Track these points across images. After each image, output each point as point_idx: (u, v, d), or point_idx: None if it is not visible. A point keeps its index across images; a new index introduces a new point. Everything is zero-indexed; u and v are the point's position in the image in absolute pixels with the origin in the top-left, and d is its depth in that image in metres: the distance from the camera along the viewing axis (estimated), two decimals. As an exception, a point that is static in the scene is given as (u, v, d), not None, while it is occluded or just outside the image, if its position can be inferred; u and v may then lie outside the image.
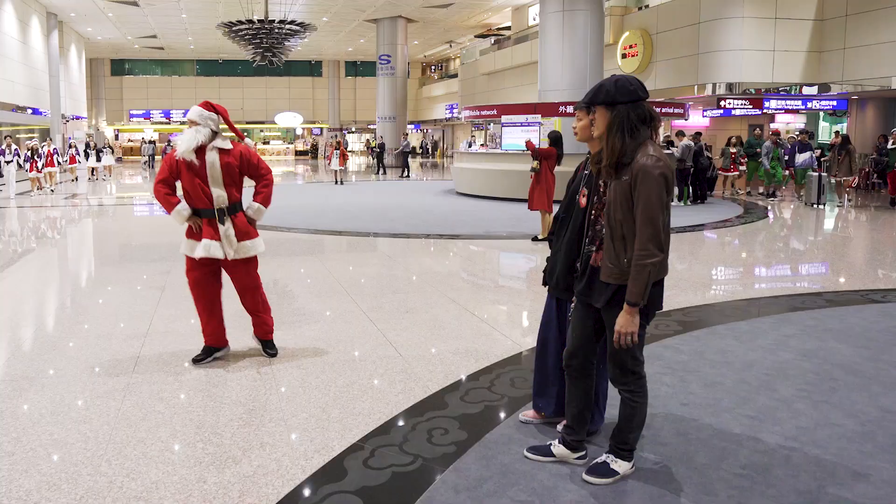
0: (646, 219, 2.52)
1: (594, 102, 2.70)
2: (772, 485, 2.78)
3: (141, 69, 44.79)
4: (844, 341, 4.81)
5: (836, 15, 17.55)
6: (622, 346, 2.62)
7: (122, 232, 11.37)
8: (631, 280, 2.55)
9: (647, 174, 2.52)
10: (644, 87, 2.67)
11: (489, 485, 2.73)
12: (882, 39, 16.34)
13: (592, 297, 2.75)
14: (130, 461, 2.96)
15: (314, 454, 3.01)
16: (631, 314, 2.58)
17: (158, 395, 3.72)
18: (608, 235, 2.66)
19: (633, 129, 2.60)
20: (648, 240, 2.52)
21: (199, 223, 4.16)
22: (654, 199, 2.52)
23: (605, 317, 2.72)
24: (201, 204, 4.14)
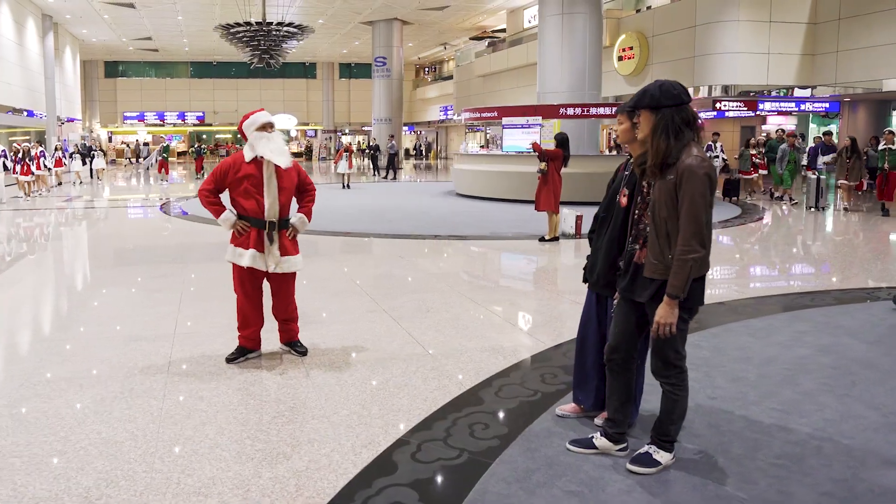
0: (690, 216, 2.62)
1: (639, 106, 2.80)
2: (807, 473, 2.88)
3: (135, 71, 44.65)
4: (857, 337, 4.94)
5: (829, 18, 17.80)
6: (661, 336, 2.71)
7: (124, 235, 11.40)
8: (672, 274, 2.66)
9: (692, 174, 2.62)
10: (687, 92, 2.77)
11: (538, 476, 2.82)
12: (874, 42, 16.59)
13: (636, 292, 2.84)
14: (183, 458, 3.03)
15: (362, 449, 3.09)
16: (671, 306, 2.68)
17: (198, 393, 3.79)
18: (653, 233, 2.76)
19: (678, 132, 2.70)
20: (692, 236, 2.62)
21: (247, 227, 4.19)
22: (698, 197, 2.62)
23: (648, 311, 2.82)
24: (252, 213, 4.18)
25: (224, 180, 4.19)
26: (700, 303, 2.81)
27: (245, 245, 4.20)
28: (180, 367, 4.26)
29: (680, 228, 2.65)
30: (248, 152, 4.18)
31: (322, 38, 34.70)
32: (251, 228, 4.19)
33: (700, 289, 2.78)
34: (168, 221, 12.63)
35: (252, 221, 4.18)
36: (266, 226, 4.18)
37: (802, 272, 7.96)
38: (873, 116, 21.00)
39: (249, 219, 4.18)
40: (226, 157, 19.16)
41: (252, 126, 4.18)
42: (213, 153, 44.56)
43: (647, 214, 2.81)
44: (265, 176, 4.13)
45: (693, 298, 2.75)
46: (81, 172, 22.84)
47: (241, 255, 4.20)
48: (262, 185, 4.14)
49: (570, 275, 8.11)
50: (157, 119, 44.36)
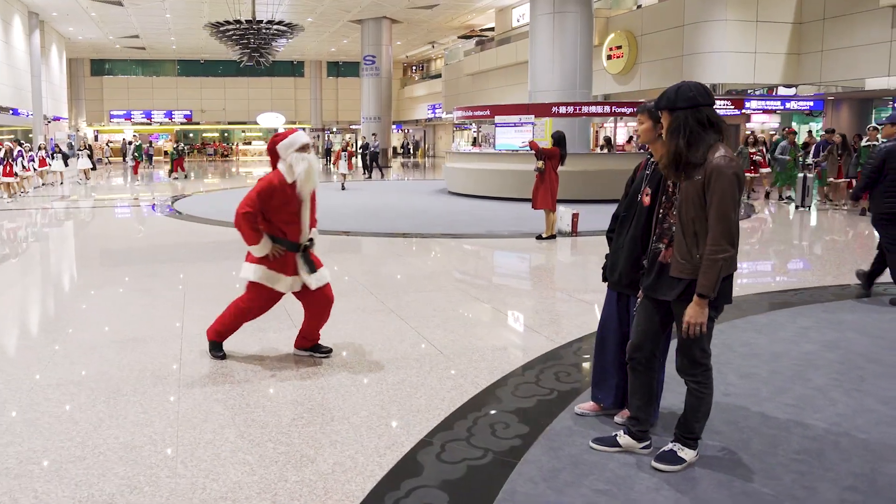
0: (719, 215, 2.65)
1: (657, 108, 2.83)
2: (829, 468, 2.92)
3: (121, 69, 44.25)
4: (860, 332, 5.00)
5: (813, 18, 18.01)
6: (691, 335, 2.74)
7: (122, 235, 11.29)
8: (702, 273, 2.67)
9: (721, 173, 2.64)
10: (706, 94, 2.78)
11: (564, 475, 2.83)
12: (857, 42, 16.81)
13: (661, 291, 2.86)
14: (205, 462, 3.01)
15: (386, 450, 3.09)
16: (701, 306, 2.70)
17: (213, 396, 3.77)
18: (679, 232, 2.77)
19: (693, 133, 2.71)
20: (721, 235, 2.64)
21: (282, 252, 4.13)
22: (727, 196, 2.64)
23: (675, 310, 2.84)
24: (292, 237, 4.13)
25: (269, 203, 4.05)
26: (728, 301, 2.84)
27: (284, 270, 4.15)
28: (191, 368, 4.23)
29: (709, 228, 2.67)
30: (288, 173, 4.07)
31: (310, 37, 34.56)
32: (287, 252, 4.14)
33: (728, 287, 2.81)
34: (162, 221, 12.53)
35: (288, 245, 4.13)
36: (301, 248, 4.17)
37: (798, 269, 8.04)
38: (855, 115, 21.25)
39: (285, 242, 4.12)
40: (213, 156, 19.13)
41: (292, 147, 4.08)
42: (201, 152, 44.32)
43: (673, 214, 2.83)
44: (303, 199, 4.10)
45: (722, 297, 2.77)
46: (65, 173, 22.49)
47: (277, 280, 4.17)
48: (301, 209, 4.12)
49: (570, 273, 8.15)
50: (144, 118, 43.98)
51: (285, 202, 4.06)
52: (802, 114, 23.39)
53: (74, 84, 42.15)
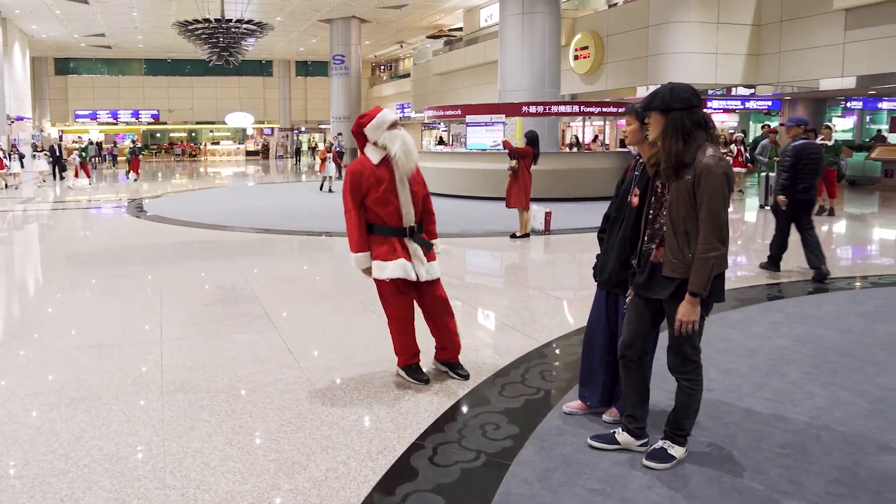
0: (709, 214, 2.69)
1: (650, 108, 2.85)
2: (813, 462, 2.99)
3: (86, 68, 43.24)
4: (828, 326, 5.14)
5: (771, 21, 18.47)
6: (683, 333, 2.78)
7: (87, 238, 11.04)
8: (693, 272, 2.72)
9: (710, 173, 2.69)
10: (698, 95, 2.83)
11: (558, 475, 2.85)
12: (812, 44, 17.30)
13: (653, 290, 2.90)
14: (195, 472, 2.96)
15: (378, 455, 3.07)
16: (693, 304, 2.75)
17: (198, 403, 3.71)
18: (671, 232, 2.81)
19: (688, 134, 2.76)
20: (712, 234, 2.69)
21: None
22: (717, 196, 2.69)
23: (667, 309, 2.89)
24: (391, 221, 3.85)
25: (359, 190, 3.83)
26: (720, 299, 2.88)
27: (389, 256, 3.83)
28: (173, 374, 4.16)
29: (700, 227, 2.72)
30: (373, 155, 3.83)
31: (279, 36, 34.20)
32: (392, 238, 3.86)
33: (720, 285, 2.85)
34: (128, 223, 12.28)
35: (390, 231, 3.86)
36: (408, 231, 3.89)
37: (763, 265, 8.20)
38: (811, 114, 21.83)
39: (387, 227, 3.86)
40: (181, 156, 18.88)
41: (381, 128, 3.80)
42: (168, 152, 43.58)
43: (663, 214, 2.87)
44: (398, 178, 3.81)
45: (713, 295, 2.82)
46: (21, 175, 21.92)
47: (384, 268, 3.83)
48: (395, 189, 3.82)
49: (545, 271, 8.22)
50: (110, 118, 43.08)
51: (375, 184, 3.79)
52: (761, 113, 23.93)
53: (38, 83, 41.06)
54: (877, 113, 23.20)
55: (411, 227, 3.90)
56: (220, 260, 8.22)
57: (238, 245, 9.49)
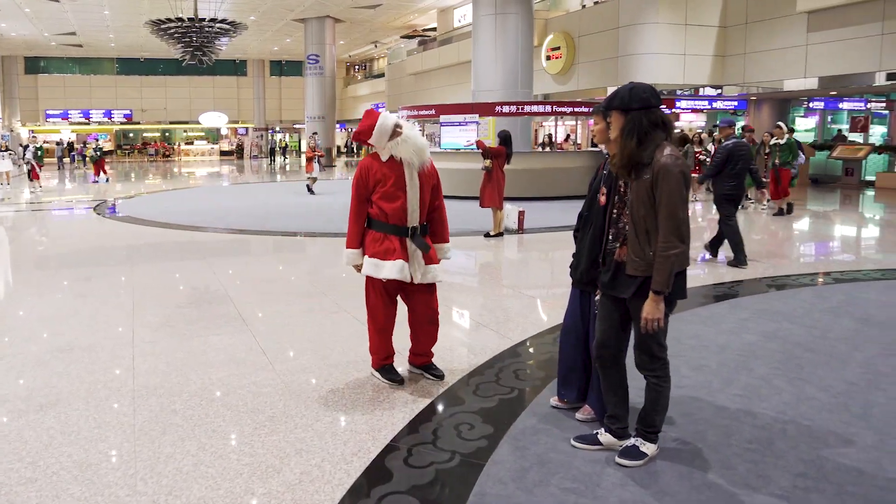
0: (668, 213, 2.74)
1: (610, 108, 2.90)
2: (779, 456, 3.06)
3: (57, 67, 42.43)
4: (794, 322, 5.26)
5: (737, 22, 18.81)
6: (648, 331, 2.83)
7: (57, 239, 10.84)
8: (655, 270, 2.77)
9: (668, 172, 2.74)
10: (657, 95, 2.89)
11: (532, 475, 2.88)
12: (776, 45, 17.66)
13: (617, 289, 2.95)
14: (166, 478, 2.93)
15: (352, 457, 3.07)
16: (656, 302, 2.79)
17: (170, 407, 3.68)
18: (632, 231, 2.86)
19: (645, 133, 2.81)
20: (671, 232, 2.74)
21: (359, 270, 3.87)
22: (675, 194, 2.74)
23: (631, 307, 2.93)
24: (395, 218, 3.77)
25: (367, 186, 3.79)
26: (682, 296, 2.94)
27: (387, 256, 3.77)
28: (145, 378, 4.12)
29: (659, 225, 2.76)
30: (382, 153, 3.79)
31: (253, 36, 33.90)
32: (392, 237, 3.79)
33: (682, 283, 2.90)
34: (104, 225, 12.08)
35: (391, 228, 3.78)
36: (409, 232, 3.81)
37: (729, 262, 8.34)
38: (776, 114, 22.25)
39: (390, 226, 3.78)
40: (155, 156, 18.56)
41: (384, 136, 3.74)
42: (142, 152, 42.93)
43: (626, 213, 2.92)
44: (407, 175, 3.75)
45: (675, 292, 2.87)
46: None
47: (381, 268, 3.77)
48: (405, 185, 3.75)
49: (520, 270, 8.26)
50: (82, 117, 42.32)
51: (383, 179, 3.75)
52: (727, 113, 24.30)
53: (8, 82, 40.27)
54: (837, 113, 23.72)
55: (414, 227, 3.82)
56: (193, 261, 8.13)
57: (212, 246, 9.39)
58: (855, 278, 6.91)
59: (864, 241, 10.40)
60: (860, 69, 15.93)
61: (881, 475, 2.90)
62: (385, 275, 3.75)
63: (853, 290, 6.38)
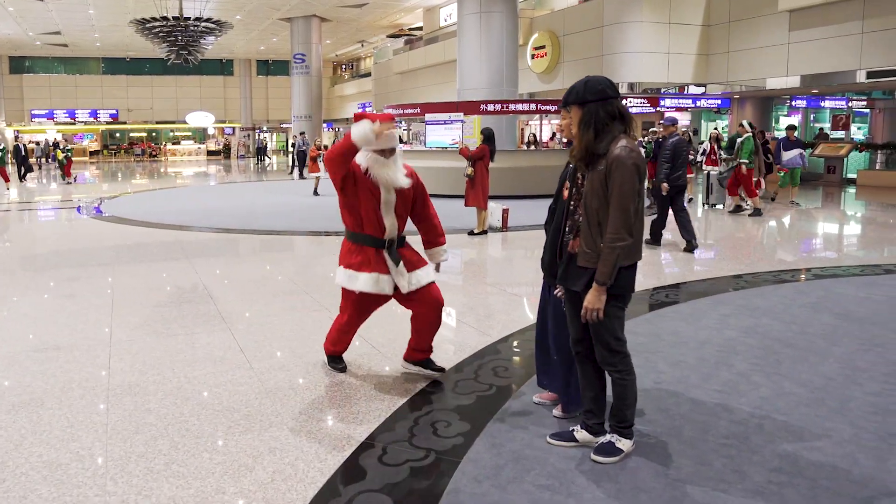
0: (618, 205, 2.73)
1: (567, 102, 2.90)
2: (755, 451, 3.06)
3: (43, 67, 42.06)
4: (774, 318, 5.28)
5: (720, 21, 18.95)
6: (589, 320, 2.82)
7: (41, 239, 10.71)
8: (601, 261, 2.76)
9: (620, 164, 2.73)
10: (613, 86, 2.89)
11: (507, 472, 2.86)
12: (758, 44, 17.79)
13: (569, 281, 2.95)
14: (137, 477, 2.89)
15: (327, 455, 3.04)
16: (598, 292, 2.79)
17: (144, 406, 3.63)
18: (585, 223, 2.85)
19: (602, 125, 2.81)
20: (620, 225, 2.73)
21: (390, 128, 3.51)
22: (626, 186, 2.73)
23: (569, 300, 2.92)
24: (371, 229, 3.68)
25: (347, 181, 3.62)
26: (629, 290, 2.92)
27: (362, 268, 3.69)
28: (121, 377, 4.06)
29: (609, 217, 2.75)
30: (360, 159, 3.64)
31: (239, 35, 33.71)
32: (367, 248, 3.71)
33: (630, 276, 2.88)
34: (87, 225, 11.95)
35: (368, 240, 3.70)
36: (385, 244, 3.73)
37: (712, 259, 8.38)
38: (759, 112, 22.43)
39: (366, 236, 3.69)
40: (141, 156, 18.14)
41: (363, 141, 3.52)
42: (128, 152, 42.58)
43: (582, 205, 2.91)
44: (383, 196, 3.67)
45: (622, 285, 2.85)
46: None
47: (355, 279, 3.70)
48: (379, 202, 3.66)
49: (503, 268, 8.25)
50: (67, 117, 41.96)
51: (360, 180, 3.61)
52: (711, 111, 24.46)
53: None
54: (820, 111, 23.94)
55: (391, 239, 3.74)
56: (175, 260, 8.05)
57: (195, 245, 9.30)
58: (835, 274, 6.96)
59: (845, 237, 10.48)
60: (841, 67, 16.08)
61: (855, 470, 2.91)
62: (359, 287, 3.68)
63: (833, 285, 6.42)
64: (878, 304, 5.71)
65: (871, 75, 15.58)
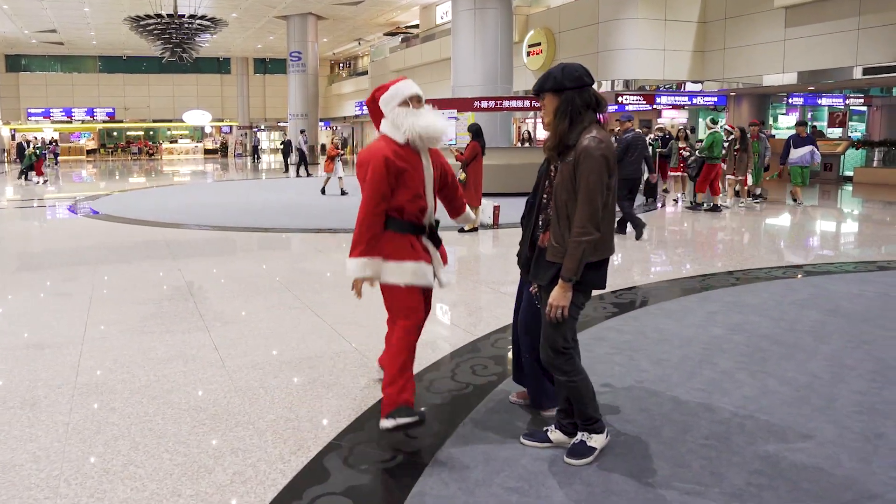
0: (585, 198, 2.60)
1: (544, 89, 2.76)
2: (735, 452, 2.96)
3: (39, 65, 41.98)
4: (763, 315, 5.17)
5: (716, 18, 18.84)
6: (553, 319, 2.68)
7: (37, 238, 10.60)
8: (567, 256, 2.63)
9: (588, 155, 2.61)
10: (589, 74, 2.76)
11: (476, 474, 2.75)
12: (755, 41, 17.69)
13: (538, 276, 2.84)
14: (92, 479, 2.78)
15: (291, 456, 2.94)
16: (564, 289, 2.66)
17: (109, 405, 3.52)
18: (555, 216, 2.73)
19: (578, 114, 2.69)
20: (587, 219, 2.60)
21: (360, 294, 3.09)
22: (594, 178, 2.60)
23: (543, 296, 2.80)
24: (413, 216, 3.11)
25: (389, 179, 3.02)
26: (597, 286, 2.80)
27: (412, 255, 3.09)
28: (89, 376, 3.95)
29: (577, 210, 2.62)
30: (395, 134, 3.09)
31: (236, 33, 33.59)
32: (410, 236, 3.11)
33: (598, 273, 2.76)
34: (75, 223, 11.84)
35: (410, 227, 3.11)
36: (427, 230, 3.19)
37: (703, 257, 8.29)
38: (755, 109, 22.29)
39: (406, 223, 3.10)
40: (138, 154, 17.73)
41: (393, 101, 3.13)
42: (125, 151, 42.44)
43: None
44: (424, 164, 3.13)
45: (588, 282, 2.73)
46: None
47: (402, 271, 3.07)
48: (423, 178, 3.11)
49: (492, 264, 8.14)
50: (64, 116, 41.82)
51: (404, 169, 3.05)
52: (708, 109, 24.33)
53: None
54: (817, 109, 23.81)
55: (431, 224, 3.22)
56: (160, 258, 7.94)
57: (181, 243, 9.19)
58: (828, 271, 6.85)
59: (839, 234, 10.37)
60: (837, 64, 15.97)
61: (838, 471, 2.80)
62: (409, 280, 3.07)
63: (824, 282, 6.32)
64: (870, 300, 5.61)
65: (868, 72, 15.47)
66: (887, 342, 4.50)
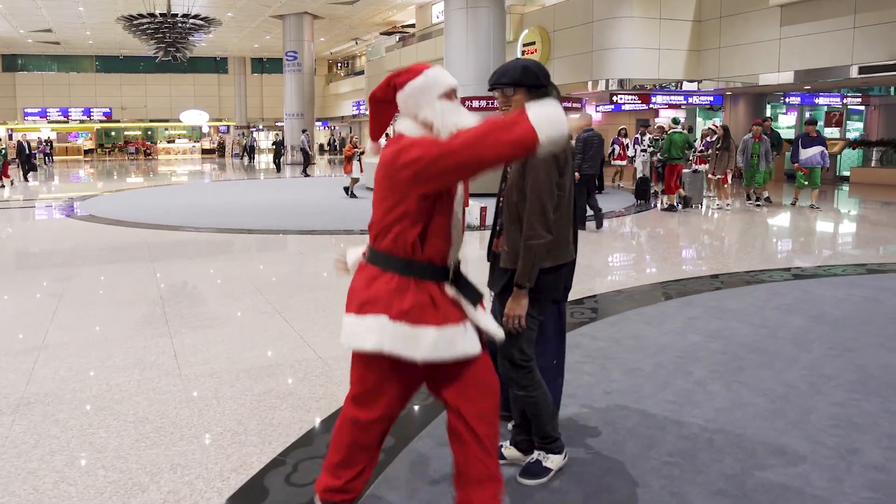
0: (533, 198, 2.45)
1: (496, 85, 2.58)
2: (700, 471, 2.81)
3: (35, 65, 41.91)
4: (743, 321, 5.02)
5: (711, 17, 18.69)
6: (511, 329, 2.52)
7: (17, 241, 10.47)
8: (519, 261, 2.48)
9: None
10: (547, 75, 2.59)
11: (422, 494, 2.61)
12: (751, 39, 17.53)
13: (493, 284, 2.69)
14: (19, 498, 2.64)
15: (231, 474, 2.79)
16: (519, 297, 2.49)
17: (54, 416, 3.38)
18: (507, 220, 2.58)
19: None
20: (536, 220, 2.45)
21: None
22: (542, 177, 2.45)
23: (497, 305, 2.65)
24: (436, 255, 2.17)
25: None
26: (554, 296, 2.65)
27: (431, 316, 2.11)
28: (40, 385, 3.81)
29: (525, 212, 2.47)
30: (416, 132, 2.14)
31: (232, 32, 33.46)
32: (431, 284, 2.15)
33: (553, 280, 2.60)
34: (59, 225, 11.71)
35: (430, 271, 2.16)
36: (451, 274, 2.22)
37: (685, 260, 8.14)
38: (752, 108, 22.11)
39: (425, 266, 2.15)
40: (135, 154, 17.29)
41: (432, 91, 2.15)
42: (122, 151, 42.30)
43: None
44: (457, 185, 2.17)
45: (542, 290, 2.56)
46: None
47: (416, 341, 2.09)
48: (452, 197, 2.17)
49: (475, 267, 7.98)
50: (60, 115, 41.72)
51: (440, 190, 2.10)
52: (704, 108, 24.14)
53: (-16, 81, 39.79)
54: (815, 109, 23.60)
55: (456, 265, 2.25)
56: (138, 261, 7.79)
57: (163, 244, 9.05)
58: (815, 274, 6.70)
59: (831, 236, 10.21)
60: (833, 63, 15.82)
61: (807, 491, 2.66)
62: (418, 354, 2.09)
63: (811, 286, 6.17)
64: (856, 305, 5.46)
65: (864, 70, 15.30)
66: (871, 350, 4.35)
